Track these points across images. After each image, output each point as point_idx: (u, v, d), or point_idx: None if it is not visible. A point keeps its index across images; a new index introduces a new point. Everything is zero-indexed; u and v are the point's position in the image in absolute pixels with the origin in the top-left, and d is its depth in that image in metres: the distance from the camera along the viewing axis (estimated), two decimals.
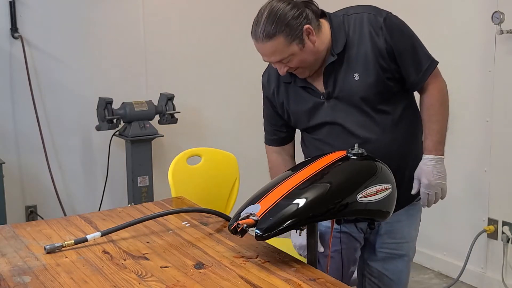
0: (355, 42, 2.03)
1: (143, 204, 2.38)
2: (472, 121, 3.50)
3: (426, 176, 2.13)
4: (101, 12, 3.95)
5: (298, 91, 2.11)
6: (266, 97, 2.21)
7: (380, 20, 2.03)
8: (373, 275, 2.25)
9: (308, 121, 2.13)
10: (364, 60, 2.02)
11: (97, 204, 3.96)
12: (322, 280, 1.65)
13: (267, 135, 2.29)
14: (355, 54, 2.03)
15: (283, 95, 2.15)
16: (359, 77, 2.02)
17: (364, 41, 2.03)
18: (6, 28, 3.68)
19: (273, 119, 2.23)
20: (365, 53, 2.02)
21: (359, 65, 2.03)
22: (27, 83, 3.71)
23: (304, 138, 2.23)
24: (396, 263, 2.25)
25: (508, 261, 3.40)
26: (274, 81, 2.17)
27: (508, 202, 3.38)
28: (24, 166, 3.82)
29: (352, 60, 2.03)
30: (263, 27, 1.97)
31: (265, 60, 2.03)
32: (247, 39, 2.10)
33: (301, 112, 2.13)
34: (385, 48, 2.01)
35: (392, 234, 2.21)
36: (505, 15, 3.16)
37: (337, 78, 2.05)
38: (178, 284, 1.64)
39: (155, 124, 3.90)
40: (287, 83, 2.13)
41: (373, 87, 2.03)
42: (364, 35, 2.03)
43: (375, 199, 1.83)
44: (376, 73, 2.02)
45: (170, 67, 4.18)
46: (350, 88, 2.04)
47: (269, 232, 1.73)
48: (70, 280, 1.66)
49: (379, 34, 2.02)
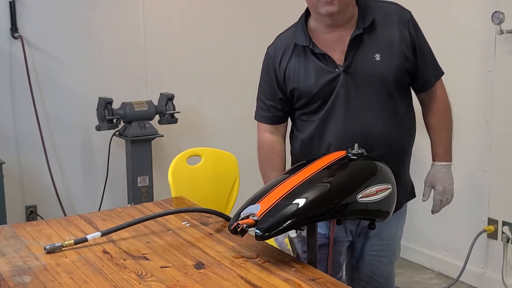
0: (382, 25, 2.06)
1: (143, 204, 2.38)
2: (472, 121, 3.50)
3: (441, 183, 2.17)
4: (101, 12, 3.95)
5: (312, 59, 2.05)
6: (269, 67, 2.14)
7: (408, 15, 2.11)
8: (362, 279, 2.25)
9: (317, 92, 2.05)
10: (389, 44, 2.04)
11: (97, 204, 3.96)
12: (322, 280, 1.65)
13: (260, 111, 2.21)
14: (380, 36, 2.05)
15: (294, 62, 2.07)
16: (380, 58, 2.03)
17: (392, 27, 2.06)
18: (6, 28, 3.68)
19: (272, 93, 2.15)
20: (391, 38, 2.05)
21: (383, 47, 2.04)
22: (27, 83, 3.71)
23: (297, 124, 2.15)
24: (384, 266, 2.25)
25: (508, 261, 3.40)
26: (284, 49, 2.10)
27: (508, 202, 3.38)
28: (24, 166, 3.82)
29: (376, 41, 2.04)
30: None
31: None
32: (247, 39, 2.10)
33: (311, 81, 2.05)
34: (410, 40, 2.07)
35: (381, 236, 2.21)
36: (505, 15, 3.16)
37: (357, 54, 2.03)
38: (178, 284, 1.64)
39: (155, 124, 3.89)
40: (304, 46, 2.05)
41: (394, 71, 2.04)
42: (392, 22, 2.07)
43: (375, 199, 1.83)
44: (399, 59, 2.05)
45: (170, 67, 4.18)
46: (370, 67, 2.03)
47: (269, 232, 1.73)
48: (70, 280, 1.66)
49: (405, 25, 2.07)
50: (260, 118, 2.21)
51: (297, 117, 2.16)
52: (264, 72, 2.18)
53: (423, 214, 3.86)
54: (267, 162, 2.20)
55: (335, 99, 2.04)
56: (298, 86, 2.07)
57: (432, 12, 3.66)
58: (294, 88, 2.09)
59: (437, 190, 2.15)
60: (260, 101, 2.21)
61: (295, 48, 2.08)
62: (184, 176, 2.70)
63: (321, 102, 2.06)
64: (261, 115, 2.21)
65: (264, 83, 2.18)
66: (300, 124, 2.15)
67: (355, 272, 2.27)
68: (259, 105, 2.22)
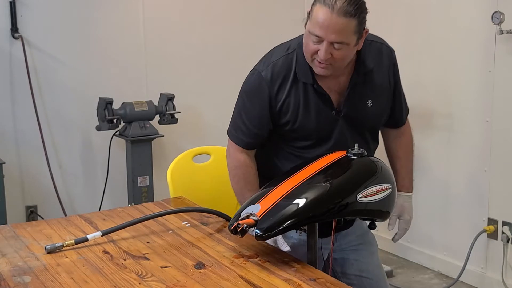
0: (376, 68, 2.06)
1: (143, 204, 2.38)
2: (472, 121, 3.50)
3: (408, 213, 2.18)
4: (101, 12, 3.95)
5: (313, 97, 2.01)
6: (263, 94, 2.02)
7: (394, 57, 2.14)
8: (353, 282, 2.16)
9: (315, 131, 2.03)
10: (380, 90, 2.08)
11: (97, 204, 3.96)
12: (322, 280, 1.65)
13: (241, 135, 2.10)
14: (374, 80, 2.06)
15: (295, 96, 2.00)
16: (372, 105, 2.06)
17: (383, 70, 2.08)
18: (6, 28, 3.68)
19: (262, 122, 2.05)
20: (382, 83, 2.07)
21: (375, 93, 2.06)
22: (27, 83, 3.71)
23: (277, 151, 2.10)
24: (366, 259, 2.21)
25: (508, 261, 3.40)
26: (282, 79, 2.01)
27: (508, 202, 3.38)
28: (24, 166, 3.82)
29: (370, 86, 2.05)
30: (346, 2, 1.85)
31: (316, 34, 1.87)
32: (248, 39, 2.10)
33: (312, 120, 2.01)
34: (394, 84, 2.13)
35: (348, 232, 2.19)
36: (505, 15, 3.16)
37: (353, 99, 2.03)
38: (178, 284, 1.64)
39: (155, 124, 3.89)
40: (306, 84, 2.00)
41: (382, 117, 2.12)
42: (383, 65, 2.09)
43: (375, 199, 1.83)
44: (387, 105, 2.11)
45: (170, 67, 4.18)
46: (364, 113, 2.05)
47: (269, 232, 1.73)
48: (71, 280, 1.66)
49: (391, 69, 2.11)
50: (239, 142, 2.11)
51: (282, 147, 2.11)
52: (254, 97, 2.06)
53: (423, 214, 3.87)
54: (244, 181, 2.12)
55: (329, 139, 2.04)
56: (296, 122, 2.02)
57: (432, 12, 3.66)
58: (290, 121, 2.03)
59: (404, 219, 2.17)
60: (242, 124, 2.10)
61: (295, 80, 2.01)
62: (187, 175, 2.68)
63: (315, 141, 2.05)
64: (241, 139, 2.11)
65: (252, 109, 2.07)
66: (283, 155, 2.11)
67: (344, 279, 2.20)
68: (239, 128, 2.10)
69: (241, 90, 2.12)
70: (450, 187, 3.70)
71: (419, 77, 3.77)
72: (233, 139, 2.13)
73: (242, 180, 2.12)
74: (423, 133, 3.80)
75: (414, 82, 3.79)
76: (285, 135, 2.06)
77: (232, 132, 2.14)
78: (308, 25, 1.91)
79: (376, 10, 4.08)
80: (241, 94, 2.11)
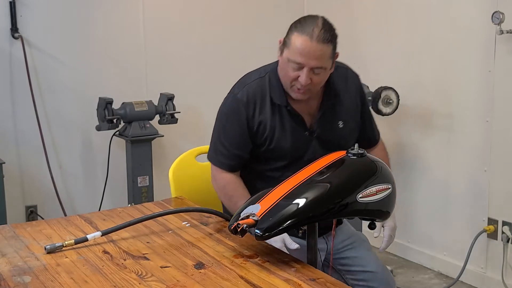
0: (343, 92, 2.20)
1: (143, 204, 2.38)
2: (472, 121, 3.50)
3: (392, 220, 2.19)
4: (101, 12, 3.95)
5: (288, 119, 2.13)
6: (241, 116, 2.13)
7: (359, 81, 2.29)
8: (359, 277, 2.20)
9: (290, 152, 2.13)
10: (349, 112, 2.22)
11: (97, 204, 3.96)
12: (322, 280, 1.65)
13: (222, 158, 2.19)
14: (342, 103, 2.20)
15: (271, 118, 2.12)
16: (343, 126, 2.19)
17: (350, 94, 2.23)
18: (6, 28, 3.68)
19: (242, 143, 2.15)
20: (350, 105, 2.22)
21: (345, 115, 2.20)
22: (27, 83, 3.71)
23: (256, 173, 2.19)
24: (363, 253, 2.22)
25: (508, 261, 3.40)
26: (257, 101, 2.13)
27: (508, 202, 3.38)
28: (24, 166, 3.82)
29: (340, 109, 2.19)
30: (322, 30, 1.99)
31: (297, 61, 2.00)
32: (248, 39, 2.10)
33: (287, 141, 2.13)
34: (361, 106, 2.27)
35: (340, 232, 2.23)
36: (505, 15, 3.16)
37: (325, 120, 2.17)
38: (178, 284, 1.64)
39: (155, 124, 3.90)
40: (280, 105, 2.12)
41: (353, 137, 2.21)
42: (350, 89, 2.23)
43: (375, 199, 1.83)
44: (357, 125, 2.25)
45: (170, 67, 4.18)
46: (335, 133, 2.17)
47: (269, 232, 1.73)
48: (70, 280, 1.66)
49: (358, 93, 2.26)
50: (222, 165, 2.19)
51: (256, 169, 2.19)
52: (231, 119, 2.16)
53: (423, 214, 3.87)
54: (236, 195, 2.17)
55: (302, 158, 2.12)
56: (273, 142, 2.13)
57: (432, 12, 3.66)
58: (267, 141, 2.13)
59: (388, 226, 2.18)
60: (222, 147, 2.18)
61: (271, 102, 2.12)
62: (189, 174, 2.67)
63: (290, 161, 2.13)
64: (222, 162, 2.19)
65: (229, 130, 2.16)
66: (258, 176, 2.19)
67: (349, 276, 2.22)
68: (220, 151, 2.19)
69: (218, 113, 2.23)
70: (450, 187, 3.70)
71: (419, 77, 3.78)
72: (215, 163, 2.22)
73: (234, 196, 2.18)
74: (423, 133, 3.80)
75: (414, 82, 3.80)
76: (261, 155, 2.16)
77: (213, 156, 2.23)
78: (287, 53, 2.03)
79: (376, 10, 4.13)
80: (219, 117, 2.22)
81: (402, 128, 3.93)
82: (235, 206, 2.11)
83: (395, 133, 3.96)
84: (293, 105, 2.13)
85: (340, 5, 4.26)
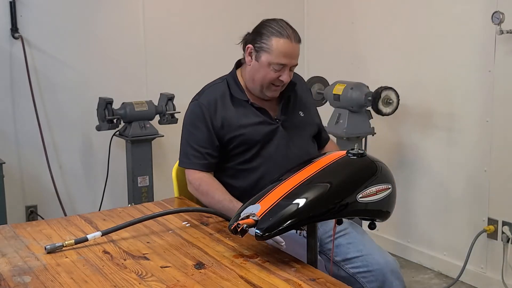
0: (298, 88, 2.39)
1: (143, 204, 2.38)
2: (472, 121, 3.50)
3: None
4: (101, 12, 3.95)
5: (252, 111, 2.28)
6: (204, 116, 2.26)
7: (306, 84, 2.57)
8: (358, 264, 2.13)
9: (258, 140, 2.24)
10: (307, 105, 2.41)
11: (97, 204, 3.96)
12: (322, 280, 1.65)
13: (194, 159, 2.29)
14: (299, 96, 2.39)
15: (235, 112, 2.26)
16: (303, 115, 2.37)
17: (304, 92, 2.44)
18: (6, 28, 3.68)
19: (208, 141, 2.26)
20: (306, 100, 2.43)
21: (303, 107, 2.38)
22: (27, 83, 3.71)
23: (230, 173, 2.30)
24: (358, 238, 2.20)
25: (508, 261, 3.40)
26: (218, 99, 2.27)
27: (508, 202, 3.38)
28: (24, 166, 3.82)
29: (298, 100, 2.38)
30: (292, 30, 2.22)
31: (282, 63, 2.18)
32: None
33: (254, 131, 2.25)
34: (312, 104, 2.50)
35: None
36: (505, 15, 3.16)
37: (287, 110, 2.33)
38: (178, 284, 1.64)
39: (155, 124, 3.90)
40: (244, 101, 2.28)
41: (314, 126, 2.42)
42: (302, 88, 2.44)
43: (375, 199, 1.83)
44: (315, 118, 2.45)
45: (170, 67, 4.18)
46: (298, 121, 2.34)
47: (269, 232, 1.73)
48: (70, 280, 1.66)
49: (307, 90, 2.52)
50: (194, 166, 2.29)
51: (231, 166, 2.30)
52: (196, 122, 2.29)
53: (423, 214, 3.87)
54: (210, 188, 2.26)
55: (275, 147, 2.26)
56: (240, 135, 2.24)
57: (432, 12, 3.66)
58: (234, 136, 2.25)
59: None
60: (192, 150, 2.29)
61: (233, 99, 2.29)
62: None
63: (259, 148, 2.25)
64: (194, 163, 2.29)
65: (196, 132, 2.28)
66: (235, 173, 2.29)
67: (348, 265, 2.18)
68: (191, 154, 2.29)
69: (184, 121, 2.37)
70: (450, 187, 3.70)
71: (419, 77, 3.78)
72: (187, 166, 2.32)
73: (210, 190, 2.25)
74: (423, 133, 3.80)
75: (414, 82, 3.80)
76: (234, 150, 2.27)
77: (183, 161, 2.33)
78: (267, 57, 2.21)
79: (376, 10, 4.13)
80: (184, 124, 2.36)
81: (402, 128, 3.93)
82: (213, 200, 2.22)
83: (395, 133, 3.96)
84: (254, 101, 2.29)
85: (340, 5, 4.26)
